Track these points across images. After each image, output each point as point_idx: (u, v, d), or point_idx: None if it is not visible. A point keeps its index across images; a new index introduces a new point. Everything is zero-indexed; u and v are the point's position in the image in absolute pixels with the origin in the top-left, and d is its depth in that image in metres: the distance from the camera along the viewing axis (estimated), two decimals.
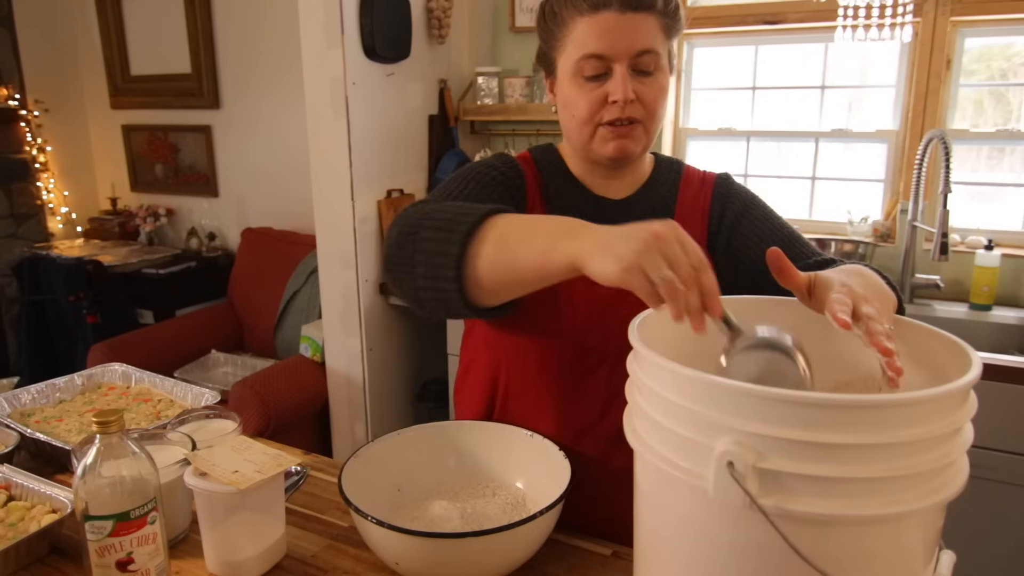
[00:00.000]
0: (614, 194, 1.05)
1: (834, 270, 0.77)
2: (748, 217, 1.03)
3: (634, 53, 0.92)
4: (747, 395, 0.55)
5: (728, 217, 1.03)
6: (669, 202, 1.05)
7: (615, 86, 0.92)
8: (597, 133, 0.96)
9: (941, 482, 0.57)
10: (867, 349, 0.66)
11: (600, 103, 0.94)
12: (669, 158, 1.11)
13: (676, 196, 1.05)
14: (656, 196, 1.05)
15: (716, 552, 0.60)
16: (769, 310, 0.80)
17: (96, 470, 0.76)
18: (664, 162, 1.09)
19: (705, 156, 2.63)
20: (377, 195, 2.34)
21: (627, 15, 0.91)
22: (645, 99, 0.94)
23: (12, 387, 1.88)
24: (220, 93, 3.29)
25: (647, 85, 0.94)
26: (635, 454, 0.68)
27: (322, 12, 2.12)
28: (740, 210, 1.03)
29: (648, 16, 0.92)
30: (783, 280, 0.73)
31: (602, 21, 0.91)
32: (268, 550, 0.87)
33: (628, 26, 0.91)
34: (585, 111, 0.95)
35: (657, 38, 0.93)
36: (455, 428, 1.02)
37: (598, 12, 0.91)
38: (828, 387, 0.79)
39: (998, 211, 2.25)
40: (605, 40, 0.91)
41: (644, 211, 1.03)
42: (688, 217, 1.03)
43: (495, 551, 0.80)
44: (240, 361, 2.87)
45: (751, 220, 1.02)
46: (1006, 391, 1.62)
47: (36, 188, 3.48)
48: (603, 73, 0.93)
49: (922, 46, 2.17)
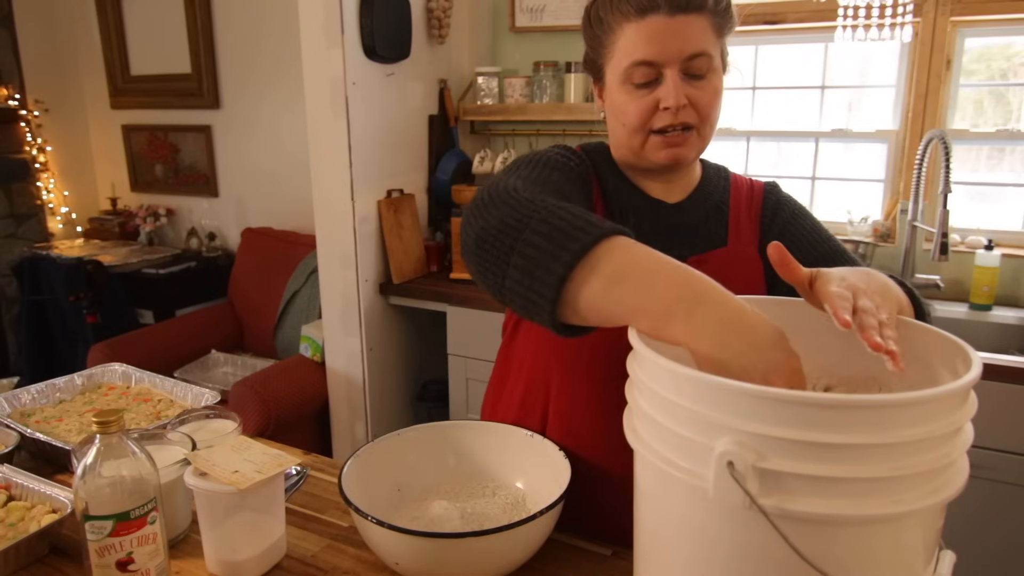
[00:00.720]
0: (667, 197, 1.02)
1: (840, 268, 0.76)
2: (795, 226, 1.03)
3: (685, 57, 0.89)
4: (747, 395, 0.55)
5: (776, 225, 1.03)
6: (723, 207, 1.03)
7: (666, 92, 0.89)
8: (649, 141, 0.94)
9: (941, 482, 0.57)
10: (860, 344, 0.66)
11: (651, 110, 0.91)
12: (716, 164, 1.09)
13: (728, 202, 1.04)
14: (710, 201, 1.03)
15: (716, 552, 0.60)
16: (770, 310, 0.80)
17: (96, 470, 0.76)
18: (712, 168, 1.08)
19: (705, 156, 2.63)
20: (377, 195, 2.34)
21: (676, 18, 0.88)
22: (698, 104, 0.91)
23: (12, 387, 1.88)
24: (220, 93, 3.29)
25: (700, 89, 0.91)
26: (635, 454, 0.68)
27: (322, 12, 2.12)
28: (788, 218, 1.03)
29: (698, 17, 0.89)
30: (783, 272, 0.73)
31: (650, 26, 0.88)
32: (268, 550, 0.87)
33: (678, 29, 0.88)
34: (636, 119, 0.92)
35: (708, 39, 0.90)
36: (455, 428, 1.02)
37: (646, 16, 0.88)
38: (828, 387, 0.79)
39: (998, 211, 2.25)
40: (654, 45, 0.88)
41: (698, 215, 1.02)
42: (742, 223, 1.02)
43: (495, 551, 0.80)
44: (240, 361, 2.87)
45: (798, 229, 1.02)
46: (1006, 391, 1.62)
47: (36, 188, 3.48)
48: (653, 80, 0.90)
49: (922, 46, 2.17)
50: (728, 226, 1.02)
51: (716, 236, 1.01)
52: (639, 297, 0.65)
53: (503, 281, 0.72)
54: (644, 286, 0.65)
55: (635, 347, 0.67)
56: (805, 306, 0.75)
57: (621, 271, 0.66)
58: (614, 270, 0.66)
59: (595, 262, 0.66)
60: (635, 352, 0.68)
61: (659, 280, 0.65)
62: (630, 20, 0.89)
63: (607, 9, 0.92)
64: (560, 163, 0.94)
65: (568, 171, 0.94)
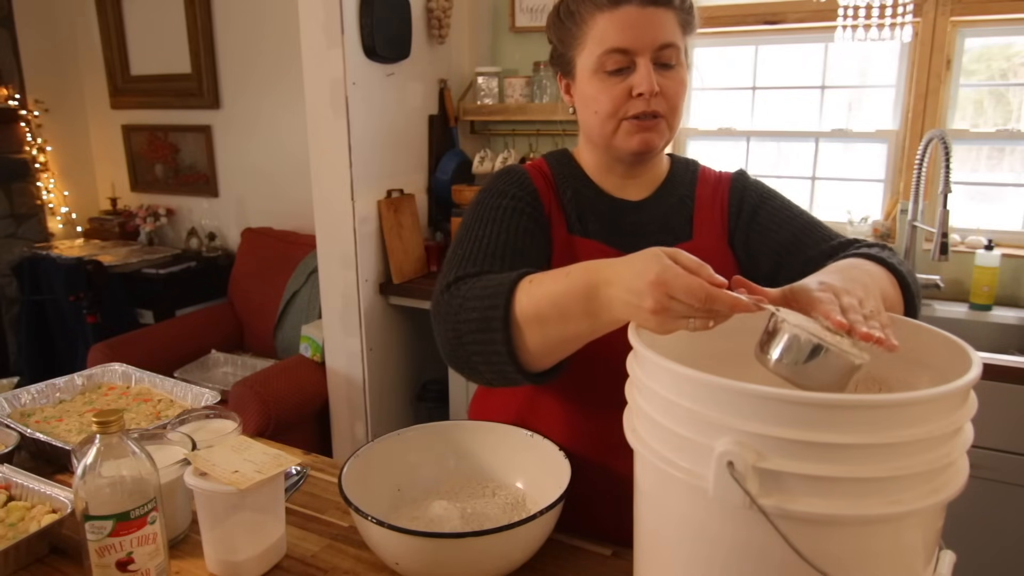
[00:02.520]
0: (632, 196, 1.04)
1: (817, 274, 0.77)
2: (765, 208, 1.03)
3: (657, 46, 0.92)
4: (747, 395, 0.55)
5: (745, 211, 1.03)
6: (687, 201, 1.05)
7: (640, 79, 0.92)
8: (621, 127, 0.96)
9: (941, 482, 0.57)
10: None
11: (624, 97, 0.94)
12: (685, 159, 1.11)
13: (694, 195, 1.05)
14: (674, 196, 1.05)
15: (716, 552, 0.60)
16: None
17: (96, 470, 0.76)
18: (681, 163, 1.09)
19: (705, 156, 2.63)
20: (377, 195, 2.34)
21: (648, 9, 0.92)
22: (667, 92, 0.94)
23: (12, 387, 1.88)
24: (220, 93, 3.29)
25: (669, 79, 0.94)
26: (635, 454, 0.68)
27: (322, 12, 2.12)
28: (757, 202, 1.04)
29: (667, 11, 0.93)
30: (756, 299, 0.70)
31: (623, 15, 0.92)
32: (268, 550, 0.87)
33: (650, 19, 0.92)
34: (608, 105, 0.94)
35: (676, 32, 0.94)
36: (455, 428, 1.02)
37: (619, 7, 0.92)
38: None
39: (998, 211, 2.25)
40: (628, 34, 0.92)
41: (661, 211, 1.03)
42: (707, 214, 1.04)
43: (495, 551, 0.80)
44: (240, 361, 2.87)
45: (768, 210, 1.03)
46: (1006, 391, 1.62)
47: (36, 188, 3.48)
48: (626, 67, 0.93)
49: (922, 46, 2.17)
50: (693, 220, 1.03)
51: (681, 231, 1.03)
52: (566, 324, 0.76)
53: (487, 378, 0.85)
54: (562, 314, 0.76)
55: (635, 347, 0.67)
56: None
57: (538, 314, 0.77)
58: (533, 316, 0.78)
59: (518, 322, 0.78)
60: (635, 352, 0.68)
61: (566, 301, 0.75)
62: (603, 11, 0.93)
63: (579, 1, 0.95)
64: (493, 212, 0.97)
65: (503, 217, 0.97)
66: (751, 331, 0.75)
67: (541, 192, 1.02)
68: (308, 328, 2.54)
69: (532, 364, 0.82)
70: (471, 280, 0.87)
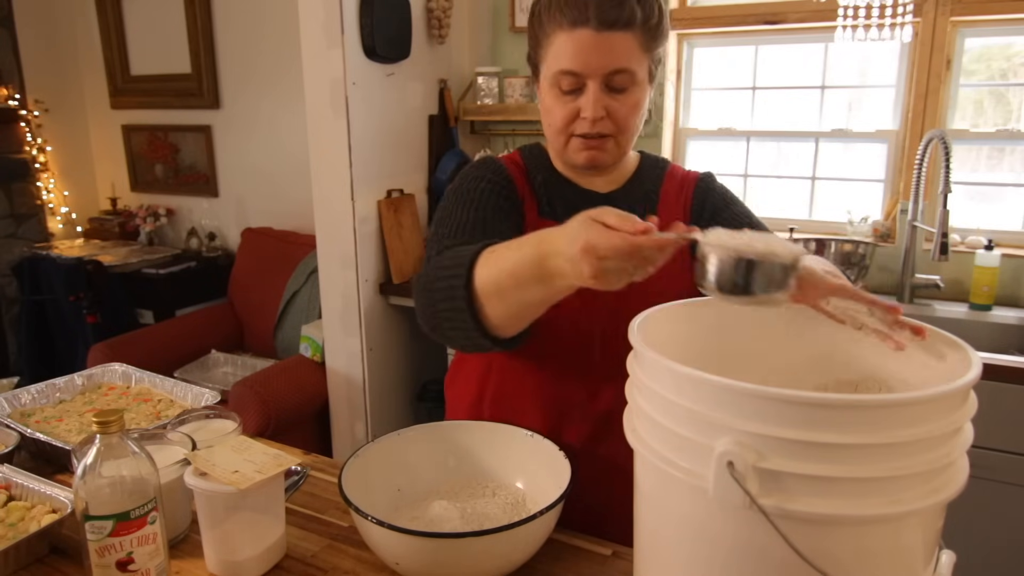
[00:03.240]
0: (599, 188, 1.08)
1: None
2: (727, 213, 1.06)
3: (607, 72, 0.94)
4: (747, 395, 0.55)
5: (707, 212, 1.06)
6: (652, 196, 1.08)
7: (586, 104, 0.95)
8: (571, 142, 1.00)
9: (941, 482, 0.57)
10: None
11: (573, 116, 0.97)
12: (656, 156, 1.14)
13: (659, 191, 1.08)
14: (640, 190, 1.08)
15: (716, 552, 0.60)
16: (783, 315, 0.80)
17: (96, 470, 0.76)
18: (650, 160, 1.13)
19: (705, 156, 2.63)
20: (377, 195, 2.34)
21: (603, 34, 0.92)
22: (616, 115, 0.97)
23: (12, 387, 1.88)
24: (220, 93, 3.29)
25: (619, 102, 0.96)
26: (635, 454, 0.68)
27: (322, 12, 2.12)
28: (720, 205, 1.06)
29: (626, 34, 0.93)
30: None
31: (579, 38, 0.92)
32: (268, 550, 0.87)
33: (604, 45, 0.92)
34: (560, 122, 0.98)
35: (633, 56, 0.94)
36: (455, 428, 1.02)
37: (576, 29, 0.92)
38: (827, 387, 0.79)
39: (998, 211, 2.25)
40: (580, 58, 0.93)
41: (628, 204, 1.05)
42: (671, 210, 1.06)
43: (495, 551, 0.80)
44: (240, 361, 2.87)
45: (730, 216, 1.05)
46: (1006, 391, 1.62)
47: (36, 188, 3.48)
48: (577, 88, 0.95)
49: (922, 46, 2.17)
50: (656, 215, 1.04)
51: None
52: (523, 292, 0.80)
53: (461, 344, 0.91)
54: (518, 283, 0.80)
55: (635, 347, 0.67)
56: (807, 311, 0.76)
57: (497, 284, 0.82)
58: (493, 285, 0.82)
59: (479, 292, 0.83)
60: (635, 352, 0.68)
61: (521, 271, 0.79)
62: (563, 28, 0.94)
63: (546, 12, 0.96)
64: (471, 192, 1.03)
65: (480, 196, 1.03)
66: (751, 331, 0.75)
67: (515, 178, 1.07)
68: (308, 328, 2.54)
69: (498, 330, 0.86)
70: (445, 252, 0.92)
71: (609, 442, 0.98)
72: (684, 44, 2.56)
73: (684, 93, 2.61)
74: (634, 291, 0.79)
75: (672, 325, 0.78)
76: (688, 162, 2.63)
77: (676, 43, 2.53)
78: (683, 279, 0.98)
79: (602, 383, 1.01)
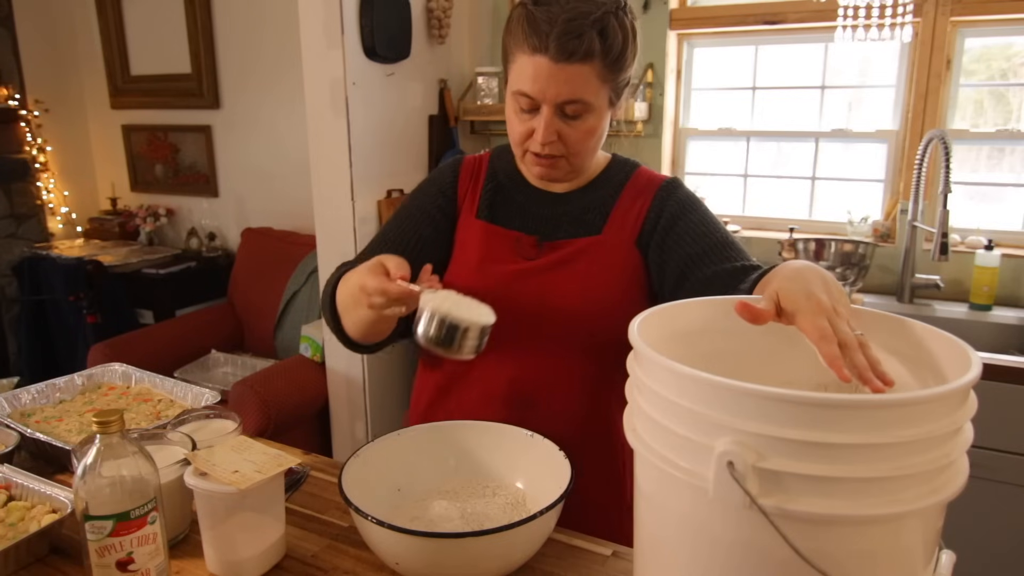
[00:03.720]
0: (559, 189, 1.12)
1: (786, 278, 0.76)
2: (684, 219, 1.06)
3: (560, 102, 0.97)
4: (747, 395, 0.55)
5: (664, 218, 1.07)
6: (608, 200, 1.10)
7: (538, 126, 0.99)
8: (526, 156, 1.05)
9: (941, 482, 0.57)
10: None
11: (528, 134, 1.01)
12: (626, 160, 1.15)
13: (617, 197, 1.10)
14: (597, 194, 1.11)
15: (716, 552, 0.60)
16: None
17: (96, 470, 0.76)
18: (618, 163, 1.14)
19: (705, 156, 2.63)
20: (377, 195, 2.34)
21: (560, 65, 0.94)
22: (568, 140, 1.00)
23: (12, 387, 1.88)
24: (220, 93, 3.29)
25: (572, 128, 1.00)
26: (635, 454, 0.68)
27: (322, 12, 2.12)
28: (677, 212, 1.07)
29: (583, 66, 0.94)
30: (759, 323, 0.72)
31: (537, 64, 0.95)
32: (268, 550, 0.87)
33: (560, 76, 0.94)
34: (516, 136, 1.04)
35: (589, 87, 0.96)
36: (455, 428, 1.02)
37: (535, 55, 0.95)
38: (827, 387, 0.79)
39: (998, 211, 2.25)
40: (536, 84, 0.96)
41: (581, 206, 1.11)
42: (621, 217, 1.09)
43: (495, 551, 0.80)
44: (240, 361, 2.87)
45: (686, 222, 1.06)
46: (1006, 391, 1.62)
47: (36, 188, 3.48)
48: (533, 109, 0.99)
49: (922, 46, 2.17)
50: (608, 217, 1.09)
51: (592, 225, 1.09)
52: (354, 312, 1.01)
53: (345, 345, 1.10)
54: (348, 307, 1.02)
55: (635, 347, 0.67)
56: None
57: (343, 303, 1.04)
58: (342, 307, 1.04)
59: (339, 308, 1.05)
60: (635, 352, 0.68)
61: (348, 298, 1.01)
62: (524, 52, 0.96)
63: (516, 28, 0.98)
64: (420, 189, 1.18)
65: (420, 194, 1.17)
66: (751, 331, 0.75)
67: (461, 181, 1.15)
68: (308, 328, 2.54)
69: (360, 338, 1.06)
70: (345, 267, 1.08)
71: (535, 423, 1.02)
72: (684, 44, 2.56)
73: (684, 93, 2.61)
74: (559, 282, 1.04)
75: (672, 325, 0.78)
76: (688, 162, 2.63)
77: (676, 43, 2.53)
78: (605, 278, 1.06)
79: (520, 371, 1.07)
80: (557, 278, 1.06)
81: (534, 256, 1.08)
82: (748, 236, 2.45)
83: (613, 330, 1.02)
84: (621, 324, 1.03)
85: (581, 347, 1.06)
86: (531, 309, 1.05)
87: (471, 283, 1.07)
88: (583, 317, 1.05)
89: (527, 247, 1.09)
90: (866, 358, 0.65)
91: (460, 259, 1.12)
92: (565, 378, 1.07)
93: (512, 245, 1.09)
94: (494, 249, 1.10)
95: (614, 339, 1.03)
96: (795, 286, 0.73)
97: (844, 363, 0.64)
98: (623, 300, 1.05)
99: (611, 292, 1.06)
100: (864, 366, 0.65)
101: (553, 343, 1.06)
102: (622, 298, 1.06)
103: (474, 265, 1.09)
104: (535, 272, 1.07)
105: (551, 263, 1.07)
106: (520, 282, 1.07)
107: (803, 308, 0.70)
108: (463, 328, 0.85)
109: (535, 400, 1.07)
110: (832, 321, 0.68)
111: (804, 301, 0.70)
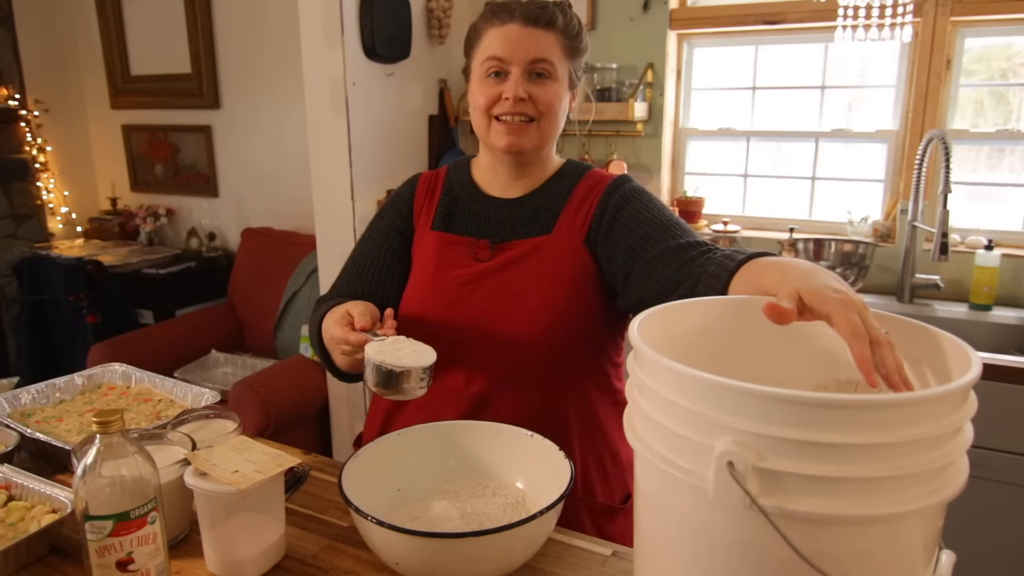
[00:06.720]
0: (513, 194, 1.16)
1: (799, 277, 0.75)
2: (627, 208, 1.10)
3: (529, 60, 1.06)
4: (747, 395, 0.55)
5: (609, 211, 1.11)
6: (559, 201, 1.14)
7: (508, 85, 1.07)
8: (493, 126, 1.10)
9: (941, 482, 0.57)
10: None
11: (496, 98, 1.08)
12: (579, 163, 1.20)
13: (569, 196, 1.14)
14: (548, 196, 1.15)
15: (716, 552, 0.60)
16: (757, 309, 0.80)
17: (96, 470, 0.76)
18: (571, 165, 1.19)
19: (705, 156, 2.63)
20: (377, 195, 2.34)
21: (528, 28, 1.07)
22: (538, 99, 1.07)
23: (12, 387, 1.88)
24: (220, 93, 3.29)
25: (541, 87, 1.08)
26: (635, 454, 0.68)
27: (322, 12, 2.12)
28: (620, 203, 1.10)
29: (548, 33, 1.07)
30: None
31: (507, 31, 1.07)
32: (268, 550, 0.87)
33: (528, 37, 1.07)
34: (483, 103, 1.09)
35: (554, 52, 1.08)
36: (455, 428, 1.02)
37: (505, 24, 1.08)
38: (827, 387, 0.79)
39: (998, 211, 2.25)
40: (507, 47, 1.07)
41: (532, 208, 1.15)
42: (571, 216, 1.12)
43: (495, 551, 0.80)
44: (240, 361, 2.87)
45: (629, 210, 1.09)
46: (1006, 391, 1.62)
47: (36, 188, 3.48)
48: (502, 73, 1.08)
49: (922, 46, 2.17)
50: (559, 217, 1.12)
51: (543, 226, 1.14)
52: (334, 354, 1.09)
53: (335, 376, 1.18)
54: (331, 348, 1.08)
55: (635, 347, 0.67)
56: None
57: (328, 342, 1.08)
58: (327, 342, 1.08)
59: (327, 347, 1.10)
60: (635, 352, 0.68)
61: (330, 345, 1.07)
62: (493, 26, 1.09)
63: (481, 19, 1.12)
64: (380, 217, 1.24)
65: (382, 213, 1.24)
66: (751, 332, 0.75)
67: (417, 197, 1.21)
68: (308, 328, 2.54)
69: (350, 370, 1.13)
70: (325, 303, 1.15)
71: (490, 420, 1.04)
72: (684, 44, 2.56)
73: (684, 93, 2.61)
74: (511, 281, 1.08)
75: (672, 325, 0.78)
76: (688, 162, 2.62)
77: (676, 43, 2.53)
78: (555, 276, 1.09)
79: (476, 370, 1.10)
80: (509, 277, 1.10)
81: (487, 258, 1.12)
82: (748, 236, 2.45)
83: (567, 327, 1.08)
84: (574, 321, 1.10)
85: (535, 344, 1.07)
86: (485, 309, 1.09)
87: (426, 292, 1.14)
88: (535, 314, 1.07)
89: (481, 250, 1.13)
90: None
91: (417, 271, 1.17)
92: (521, 376, 1.09)
93: (466, 250, 1.13)
94: (449, 256, 1.14)
95: (569, 336, 1.09)
96: (815, 283, 0.72)
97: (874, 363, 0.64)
98: (574, 297, 1.08)
99: (562, 289, 1.08)
100: (893, 366, 0.64)
101: (507, 341, 1.08)
102: (574, 295, 1.08)
103: (429, 274, 1.14)
104: (488, 273, 1.11)
105: (503, 263, 1.11)
106: (474, 283, 1.11)
107: (833, 305, 0.69)
108: (400, 373, 0.92)
109: (490, 398, 1.09)
110: (863, 316, 0.67)
111: (832, 296, 0.69)
